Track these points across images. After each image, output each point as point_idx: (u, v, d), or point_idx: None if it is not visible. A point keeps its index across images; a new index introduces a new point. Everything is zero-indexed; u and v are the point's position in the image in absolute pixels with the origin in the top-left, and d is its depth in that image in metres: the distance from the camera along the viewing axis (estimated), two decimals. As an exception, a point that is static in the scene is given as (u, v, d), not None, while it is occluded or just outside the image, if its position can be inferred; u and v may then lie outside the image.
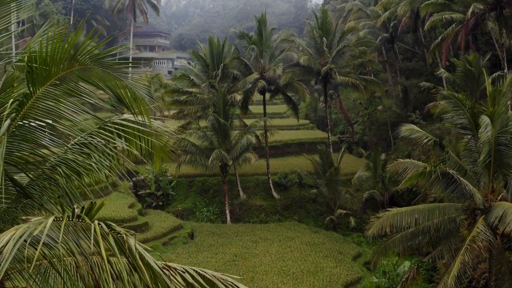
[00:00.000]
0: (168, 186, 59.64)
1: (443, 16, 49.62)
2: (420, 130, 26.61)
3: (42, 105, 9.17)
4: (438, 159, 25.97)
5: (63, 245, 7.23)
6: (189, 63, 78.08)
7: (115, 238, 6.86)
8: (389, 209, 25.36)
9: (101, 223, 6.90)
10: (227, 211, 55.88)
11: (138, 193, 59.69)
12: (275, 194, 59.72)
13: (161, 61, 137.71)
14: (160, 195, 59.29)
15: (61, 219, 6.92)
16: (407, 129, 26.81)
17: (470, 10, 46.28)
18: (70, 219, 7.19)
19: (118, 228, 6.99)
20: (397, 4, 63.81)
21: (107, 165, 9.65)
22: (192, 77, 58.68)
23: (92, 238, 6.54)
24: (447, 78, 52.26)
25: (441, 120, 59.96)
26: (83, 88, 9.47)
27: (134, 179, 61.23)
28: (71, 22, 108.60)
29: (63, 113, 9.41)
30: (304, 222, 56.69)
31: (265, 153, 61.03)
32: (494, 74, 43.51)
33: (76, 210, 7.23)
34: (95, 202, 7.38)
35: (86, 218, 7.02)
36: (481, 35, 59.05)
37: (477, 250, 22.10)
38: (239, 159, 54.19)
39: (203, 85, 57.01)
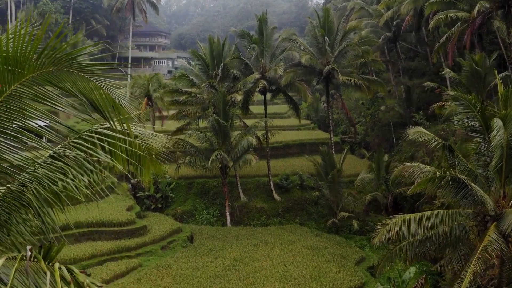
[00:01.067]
0: (167, 188, 58.58)
1: (448, 15, 48.53)
2: (428, 133, 25.52)
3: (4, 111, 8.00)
4: (447, 163, 24.87)
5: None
6: (189, 63, 77.10)
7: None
8: (395, 215, 24.18)
9: (62, 267, 5.74)
10: (227, 213, 54.84)
11: (137, 195, 58.66)
12: (276, 196, 58.67)
13: (161, 60, 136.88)
14: (159, 197, 58.25)
15: (16, 258, 5.77)
16: (414, 132, 25.75)
17: (476, 8, 45.28)
18: (30, 258, 6.00)
19: (80, 277, 5.81)
20: (401, 2, 62.70)
21: (86, 182, 8.40)
22: (191, 77, 57.63)
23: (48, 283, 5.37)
24: (452, 78, 51.12)
25: (445, 120, 59.15)
26: (52, 93, 8.25)
27: (132, 181, 60.14)
28: (70, 22, 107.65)
29: (28, 122, 8.18)
30: (305, 224, 55.66)
31: (266, 154, 59.98)
32: (501, 74, 42.34)
33: (29, 253, 5.99)
34: (54, 243, 6.19)
35: (42, 263, 5.84)
36: (485, 35, 57.89)
37: (489, 260, 20.99)
38: (240, 160, 53.07)
39: (203, 85, 55.96)
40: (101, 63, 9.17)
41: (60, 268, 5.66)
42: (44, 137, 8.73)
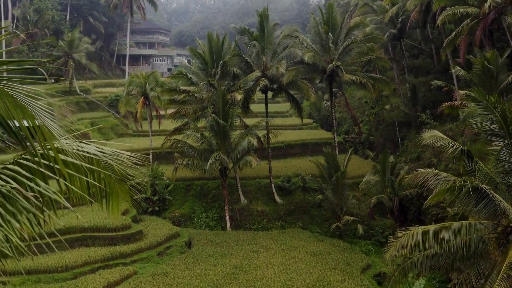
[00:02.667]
0: (164, 191, 56.58)
1: (458, 10, 46.60)
2: (445, 137, 23.48)
3: None
4: (465, 170, 22.84)
5: None
6: (189, 61, 75.16)
7: None
8: (409, 227, 22.14)
9: None
10: (227, 217, 52.87)
11: (133, 197, 56.47)
12: (277, 198, 56.68)
13: (161, 58, 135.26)
14: (156, 200, 56.24)
15: None
16: (430, 136, 23.71)
17: (487, 3, 43.34)
18: None
19: None
20: (407, -2, 60.81)
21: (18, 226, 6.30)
22: (190, 76, 55.61)
23: None
24: (461, 77, 48.98)
25: (452, 120, 57.18)
26: None
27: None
28: (67, 19, 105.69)
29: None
30: (308, 228, 53.71)
31: (267, 155, 58.04)
32: (514, 73, 40.41)
33: None
34: None
35: None
36: (496, 31, 55.88)
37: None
38: (240, 162, 51.04)
39: (202, 83, 53.97)
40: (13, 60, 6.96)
41: None
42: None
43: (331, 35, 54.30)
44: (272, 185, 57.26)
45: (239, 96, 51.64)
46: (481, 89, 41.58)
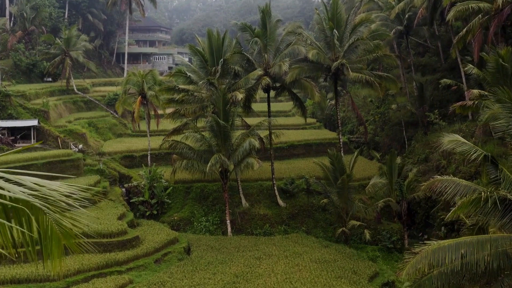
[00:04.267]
0: (163, 193, 54.55)
1: (469, 5, 44.50)
2: (467, 142, 21.30)
3: None
4: (488, 178, 20.73)
5: None
6: (190, 59, 73.06)
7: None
8: (427, 242, 20.05)
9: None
10: (228, 221, 50.79)
11: (131, 200, 54.69)
12: (280, 201, 54.70)
13: (162, 56, 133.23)
14: (154, 203, 54.26)
15: None
16: (450, 140, 21.54)
17: (501, -2, 41.28)
18: None
19: None
20: (414, -6, 58.81)
21: None
22: (189, 74, 53.51)
23: None
24: (473, 75, 46.79)
25: (461, 120, 55.13)
26: None
27: (126, 185, 56.32)
28: (65, 16, 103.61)
29: None
30: (312, 233, 51.75)
31: (270, 156, 56.00)
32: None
33: None
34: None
35: None
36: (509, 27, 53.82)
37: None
38: (241, 164, 48.91)
39: (201, 82, 51.88)
40: None
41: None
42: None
43: (336, 31, 52.18)
44: (275, 187, 55.31)
45: (240, 95, 49.63)
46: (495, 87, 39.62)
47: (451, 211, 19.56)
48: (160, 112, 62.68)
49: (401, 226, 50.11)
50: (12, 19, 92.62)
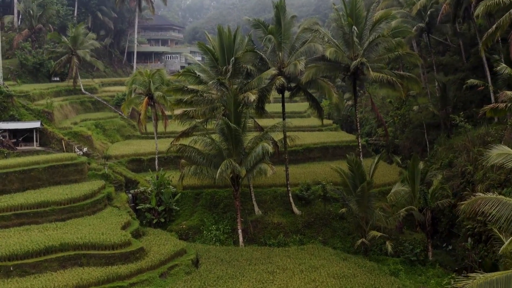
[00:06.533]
0: (171, 200, 51.63)
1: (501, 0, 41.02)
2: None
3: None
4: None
5: None
6: (203, 58, 70.19)
7: None
8: (470, 275, 16.81)
9: None
10: (240, 230, 47.72)
11: (137, 207, 51.79)
12: (295, 209, 51.68)
13: (174, 55, 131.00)
14: (161, 210, 51.35)
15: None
16: (499, 154, 18.30)
17: (537, -9, 37.94)
18: None
19: None
20: (437, -11, 55.74)
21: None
22: (198, 73, 50.52)
23: None
24: (501, 75, 43.44)
25: (488, 122, 51.78)
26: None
27: (132, 191, 53.46)
28: (75, 14, 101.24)
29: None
30: (329, 243, 48.66)
31: (284, 160, 53.00)
32: None
33: None
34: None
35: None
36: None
37: None
38: (254, 170, 45.74)
39: (211, 82, 48.83)
40: None
41: None
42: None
43: (355, 28, 48.92)
44: (290, 194, 52.36)
45: (253, 97, 46.57)
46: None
47: (505, 244, 16.27)
48: (168, 113, 59.62)
49: (424, 236, 46.86)
50: (20, 17, 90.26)
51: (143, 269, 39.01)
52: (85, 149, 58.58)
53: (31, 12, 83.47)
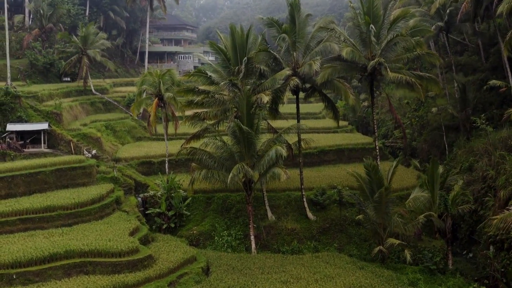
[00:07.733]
0: (181, 205, 50.17)
1: (526, -3, 39.32)
2: None
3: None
4: None
5: None
6: (216, 58, 68.82)
7: None
8: None
9: None
10: (252, 237, 46.05)
11: (147, 212, 50.33)
12: (310, 214, 50.16)
13: (187, 55, 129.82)
14: (171, 215, 49.94)
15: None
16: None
17: None
18: None
19: None
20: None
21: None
22: (209, 74, 49.01)
23: None
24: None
25: (510, 125, 49.88)
26: None
27: (142, 195, 52.04)
28: (86, 14, 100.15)
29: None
30: (345, 250, 46.97)
31: (298, 164, 51.36)
32: None
33: None
34: None
35: None
36: None
37: None
38: (267, 175, 44.01)
39: (223, 83, 47.28)
40: None
41: None
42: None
43: (373, 27, 47.17)
44: (304, 199, 50.81)
45: (266, 98, 44.94)
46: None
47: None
48: (179, 114, 58.14)
49: (443, 243, 45.05)
50: (31, 16, 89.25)
51: (151, 278, 37.46)
52: (94, 151, 57.33)
53: (42, 11, 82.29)
